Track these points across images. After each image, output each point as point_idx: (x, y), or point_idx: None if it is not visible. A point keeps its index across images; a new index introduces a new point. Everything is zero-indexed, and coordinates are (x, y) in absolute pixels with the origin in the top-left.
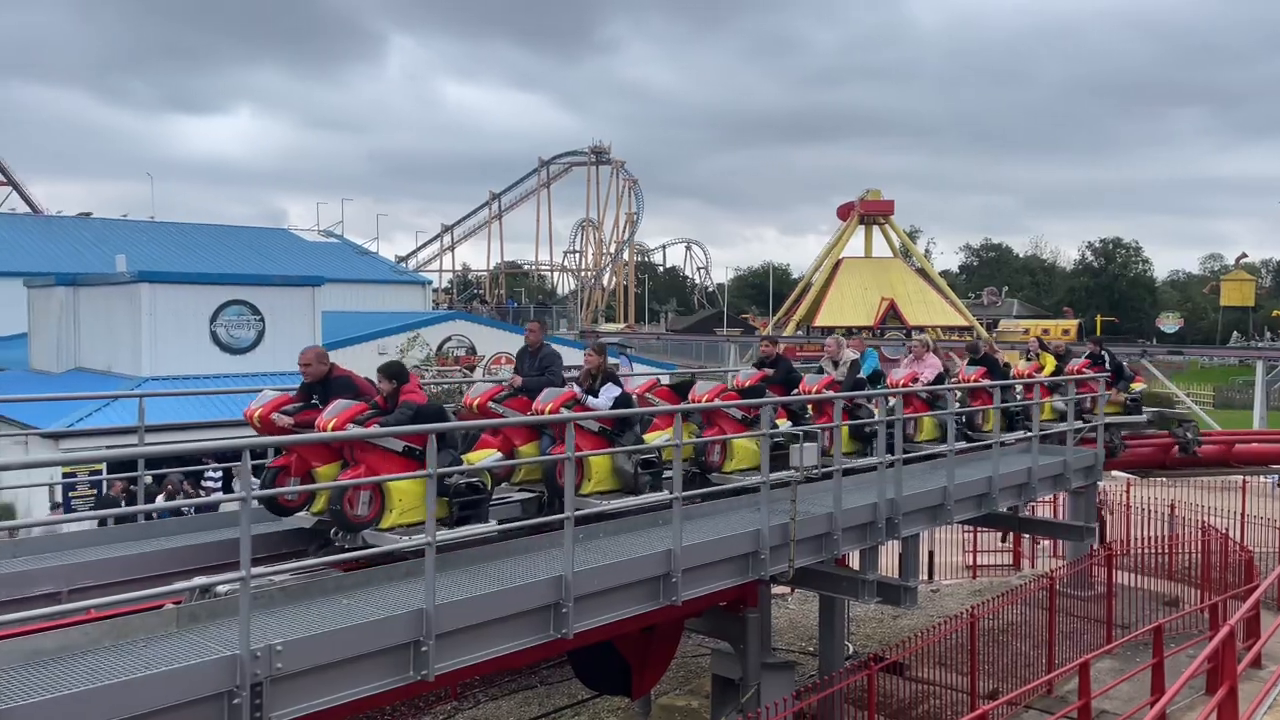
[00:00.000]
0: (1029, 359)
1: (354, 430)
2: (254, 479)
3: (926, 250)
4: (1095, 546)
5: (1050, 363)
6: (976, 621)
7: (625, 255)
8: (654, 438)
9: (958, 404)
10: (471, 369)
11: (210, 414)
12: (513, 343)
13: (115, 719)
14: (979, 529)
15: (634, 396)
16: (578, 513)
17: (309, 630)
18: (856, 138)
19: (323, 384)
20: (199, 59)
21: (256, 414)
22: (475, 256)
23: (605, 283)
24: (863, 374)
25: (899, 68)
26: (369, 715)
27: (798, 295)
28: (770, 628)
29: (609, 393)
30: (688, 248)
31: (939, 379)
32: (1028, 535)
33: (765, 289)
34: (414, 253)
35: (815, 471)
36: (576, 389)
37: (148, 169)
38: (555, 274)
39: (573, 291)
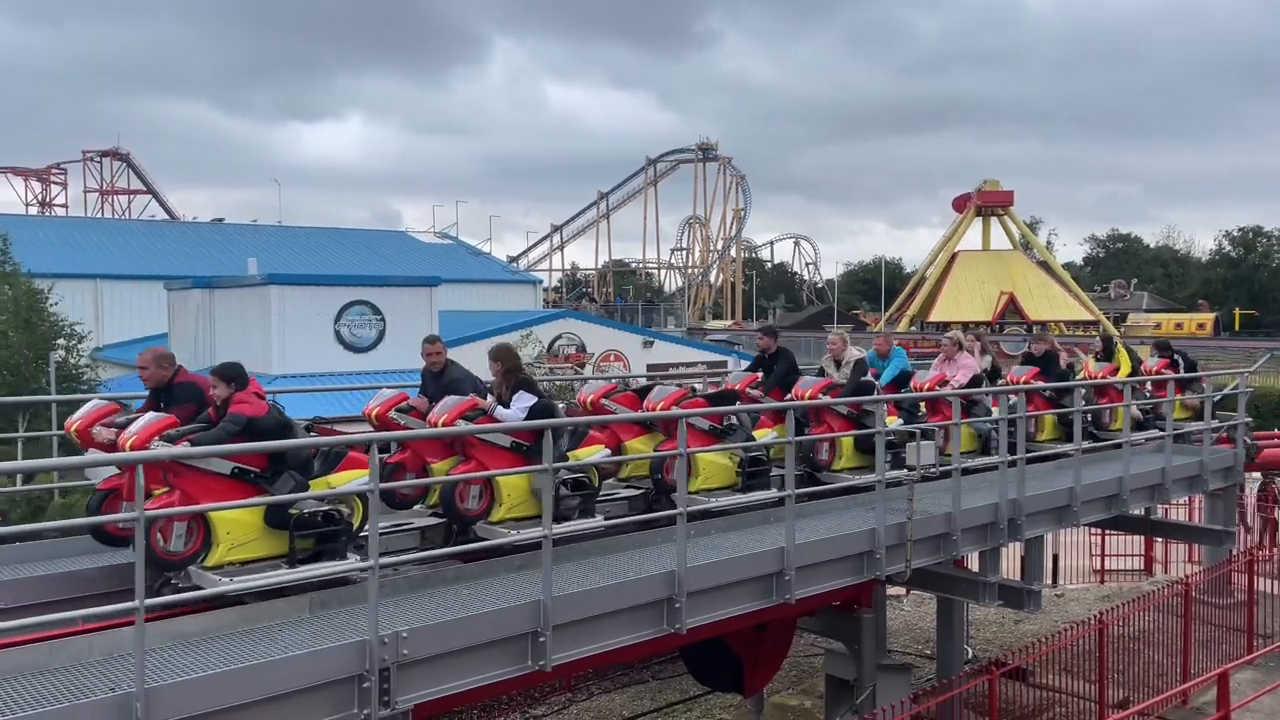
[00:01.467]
0: (1099, 359)
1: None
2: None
3: (1048, 242)
4: (1234, 551)
5: (1127, 363)
6: (1106, 627)
7: (732, 252)
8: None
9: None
10: (581, 366)
11: (335, 410)
12: (621, 340)
13: (255, 698)
14: (1107, 532)
15: (560, 406)
16: (690, 509)
17: (432, 619)
18: (964, 127)
19: (166, 390)
20: (312, 69)
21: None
22: (583, 255)
23: (712, 280)
24: (882, 378)
25: (1007, 53)
26: (487, 703)
27: (911, 290)
28: (885, 629)
29: (521, 402)
30: (796, 243)
31: (975, 381)
32: (1160, 539)
33: (876, 284)
34: (525, 252)
35: (934, 471)
36: (485, 400)
37: (271, 176)
38: (662, 272)
39: (679, 289)
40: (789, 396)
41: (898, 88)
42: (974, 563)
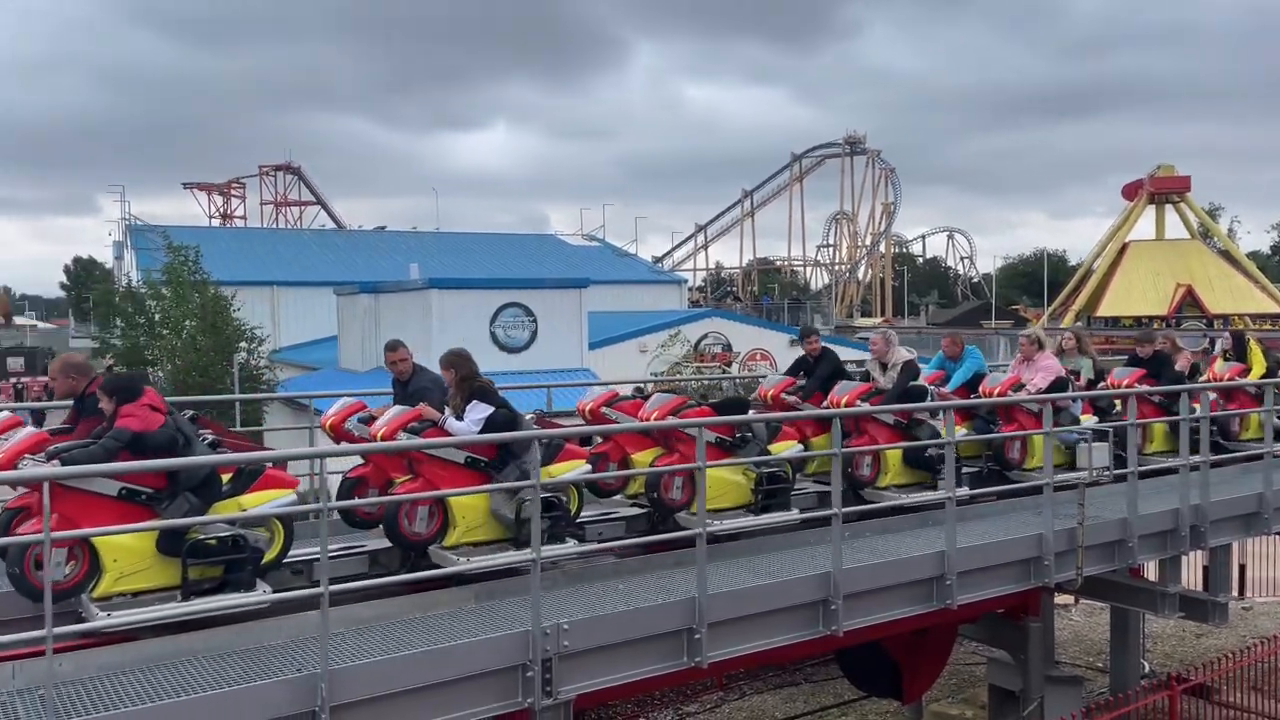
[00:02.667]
0: (1228, 358)
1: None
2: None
3: (1230, 230)
4: None
5: (1261, 363)
6: None
7: (881, 247)
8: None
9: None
10: (728, 365)
11: None
12: (767, 339)
13: (427, 683)
14: None
15: (529, 417)
16: (845, 509)
17: (591, 612)
18: (1130, 110)
19: (80, 400)
20: (458, 80)
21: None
22: (728, 254)
23: (860, 276)
24: (951, 382)
25: (1177, 28)
26: (640, 699)
27: (1076, 283)
28: (1053, 639)
29: (476, 413)
30: (949, 237)
31: (1058, 385)
32: None
33: (1037, 278)
34: (669, 252)
35: (1106, 475)
36: (439, 413)
37: (425, 184)
38: (808, 269)
39: (826, 286)
40: (825, 404)
41: (1055, 70)
42: (1151, 571)
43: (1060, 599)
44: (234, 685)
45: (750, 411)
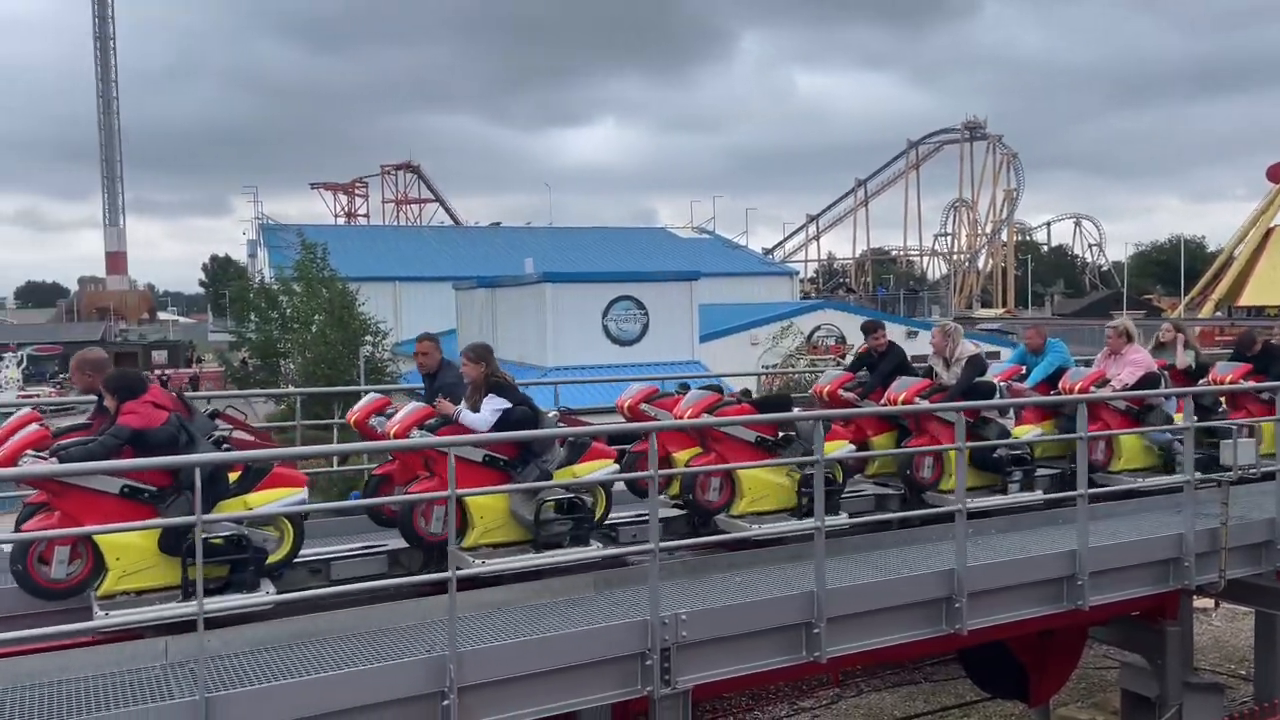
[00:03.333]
0: None
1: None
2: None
3: None
4: None
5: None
6: None
7: (1003, 235)
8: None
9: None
10: (842, 357)
11: (604, 400)
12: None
13: (550, 667)
14: None
15: (546, 414)
16: (906, 514)
17: (708, 604)
18: (1275, 86)
19: (100, 396)
20: (566, 77)
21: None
22: (840, 245)
23: (980, 266)
24: (1031, 376)
25: None
26: (755, 692)
27: (1216, 271)
28: (1192, 644)
29: (492, 405)
30: (1076, 223)
31: (1149, 381)
32: None
33: (1172, 265)
34: (780, 244)
35: (1254, 471)
36: (453, 407)
37: (536, 180)
38: (925, 259)
39: (944, 276)
40: (884, 402)
41: (1190, 46)
42: None
43: (1199, 603)
44: (370, 664)
45: (798, 410)
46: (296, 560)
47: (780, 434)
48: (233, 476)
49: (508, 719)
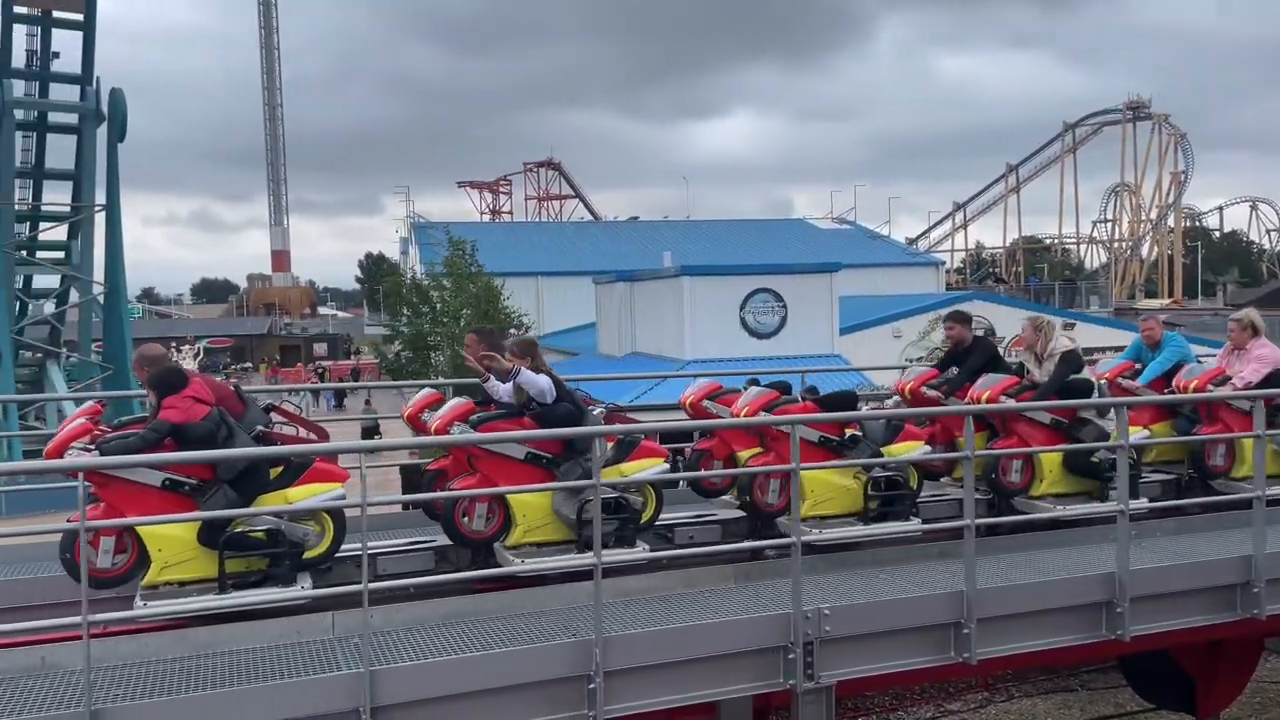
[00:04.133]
0: None
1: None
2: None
3: None
4: None
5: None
6: None
7: (1170, 221)
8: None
9: None
10: None
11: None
12: None
13: (693, 656)
14: None
15: (599, 411)
16: (982, 520)
17: (852, 599)
18: None
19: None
20: (700, 69)
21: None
22: (989, 233)
23: (1144, 253)
24: (1145, 373)
25: None
26: (899, 693)
27: None
28: None
29: (527, 377)
30: (1252, 207)
31: (1276, 379)
32: None
33: None
34: (924, 233)
35: None
36: (509, 364)
37: (671, 174)
38: (1082, 247)
39: (1103, 265)
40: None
41: None
42: None
43: None
44: (519, 645)
45: (867, 408)
46: (344, 555)
47: (847, 434)
48: (277, 471)
49: (650, 705)
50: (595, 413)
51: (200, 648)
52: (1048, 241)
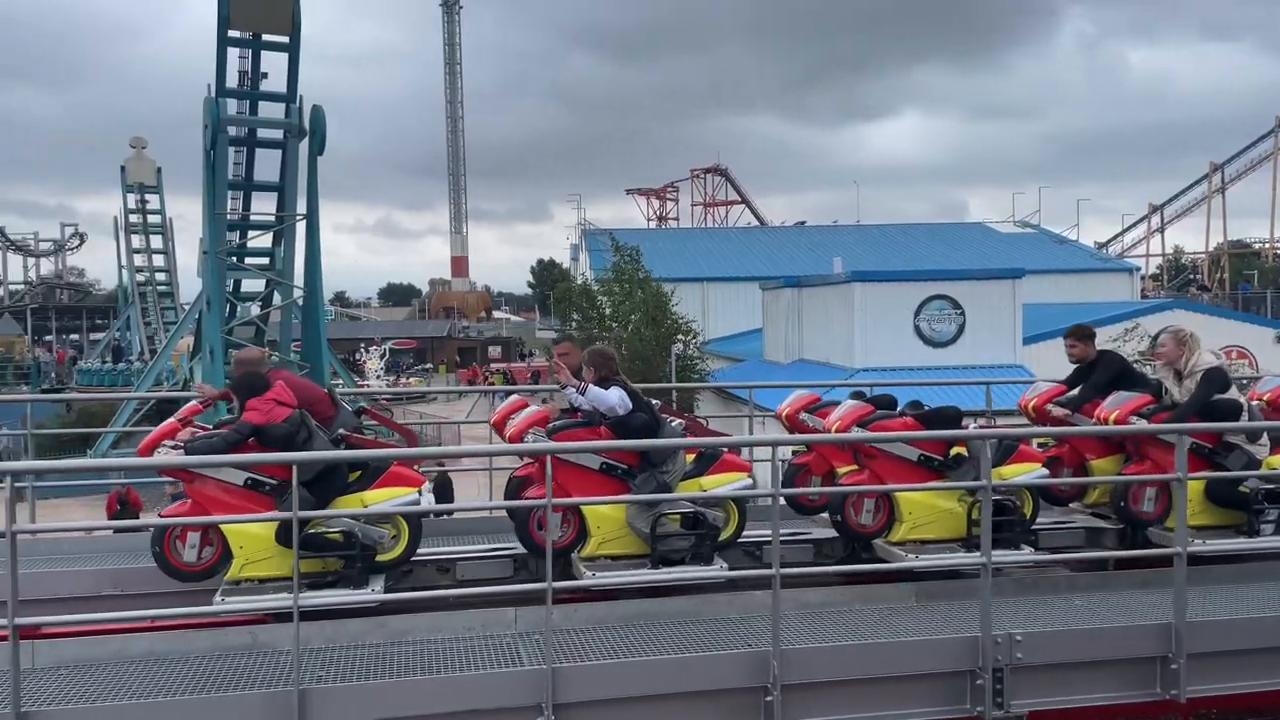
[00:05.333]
0: None
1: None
2: None
3: None
4: None
5: None
6: None
7: None
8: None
9: None
10: None
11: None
12: (1244, 334)
13: (871, 675)
14: None
15: (678, 424)
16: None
17: (1046, 625)
18: None
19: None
20: (866, 70)
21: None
22: (1190, 237)
23: None
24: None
25: None
26: None
27: None
28: None
29: (619, 393)
30: None
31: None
32: None
33: None
34: (1116, 237)
35: None
36: (574, 380)
37: (839, 177)
38: None
39: None
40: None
41: None
42: None
43: None
44: (694, 651)
45: (971, 426)
46: (426, 559)
47: (951, 454)
48: (356, 475)
49: None
50: (673, 425)
51: (395, 635)
52: (1257, 246)
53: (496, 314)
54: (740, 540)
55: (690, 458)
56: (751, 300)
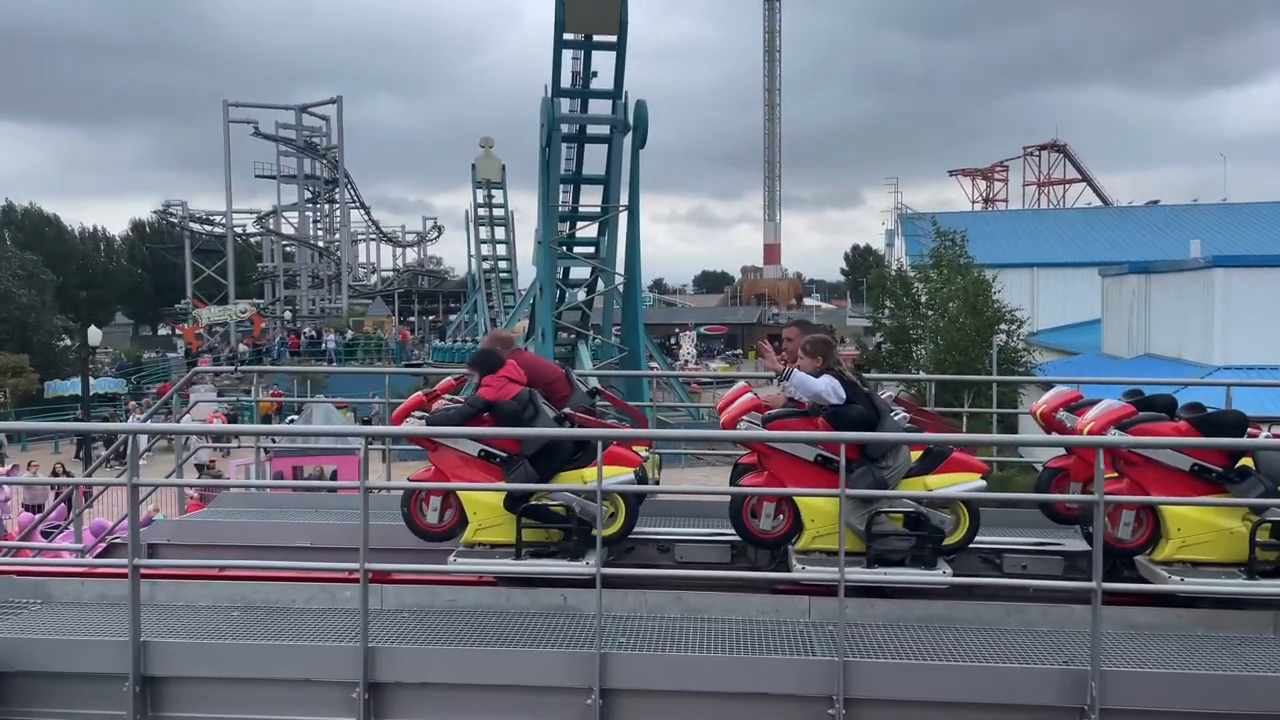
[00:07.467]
0: None
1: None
2: None
3: None
4: None
5: None
6: None
7: None
8: None
9: None
10: None
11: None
12: None
13: (1212, 710)
14: None
15: (890, 417)
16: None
17: None
18: None
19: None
20: (1223, 29)
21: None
22: None
23: None
24: None
25: None
26: None
27: None
28: None
29: (830, 381)
30: None
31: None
32: None
33: None
34: None
35: None
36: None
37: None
38: None
39: None
40: None
41: None
42: None
43: None
44: (1006, 663)
45: (1264, 435)
46: (648, 538)
47: (1234, 465)
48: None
49: None
50: (897, 417)
51: (690, 611)
52: None
53: (807, 301)
54: (972, 545)
55: (915, 454)
56: (1086, 287)
